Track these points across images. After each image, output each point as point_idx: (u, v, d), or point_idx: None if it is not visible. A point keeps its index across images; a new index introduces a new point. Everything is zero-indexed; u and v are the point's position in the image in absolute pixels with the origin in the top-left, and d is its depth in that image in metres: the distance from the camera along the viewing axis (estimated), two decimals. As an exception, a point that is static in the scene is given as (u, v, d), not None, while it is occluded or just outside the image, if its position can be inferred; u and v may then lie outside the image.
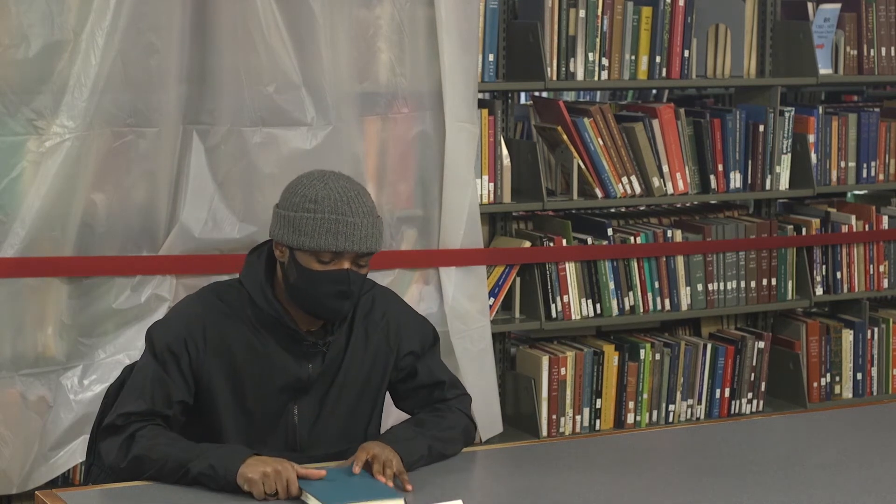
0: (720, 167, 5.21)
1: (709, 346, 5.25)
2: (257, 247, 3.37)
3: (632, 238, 5.11)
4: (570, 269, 5.00)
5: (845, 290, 5.49)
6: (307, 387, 3.30)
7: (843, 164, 5.44)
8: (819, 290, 5.43)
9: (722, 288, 5.25)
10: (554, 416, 5.00)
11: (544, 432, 4.97)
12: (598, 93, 7.03)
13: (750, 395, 5.32)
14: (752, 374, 5.32)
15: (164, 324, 3.35)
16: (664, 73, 5.11)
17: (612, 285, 5.06)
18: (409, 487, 3.05)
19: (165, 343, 3.26)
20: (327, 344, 3.30)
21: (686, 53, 5.12)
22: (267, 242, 3.34)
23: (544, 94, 5.35)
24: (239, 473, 3.03)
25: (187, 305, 3.37)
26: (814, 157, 5.36)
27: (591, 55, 4.97)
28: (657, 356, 5.15)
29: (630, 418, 5.12)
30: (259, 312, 3.28)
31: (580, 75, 4.98)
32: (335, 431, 3.34)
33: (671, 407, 5.18)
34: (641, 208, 5.50)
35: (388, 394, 3.47)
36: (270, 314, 3.26)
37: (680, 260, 5.17)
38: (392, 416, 3.57)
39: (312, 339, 3.29)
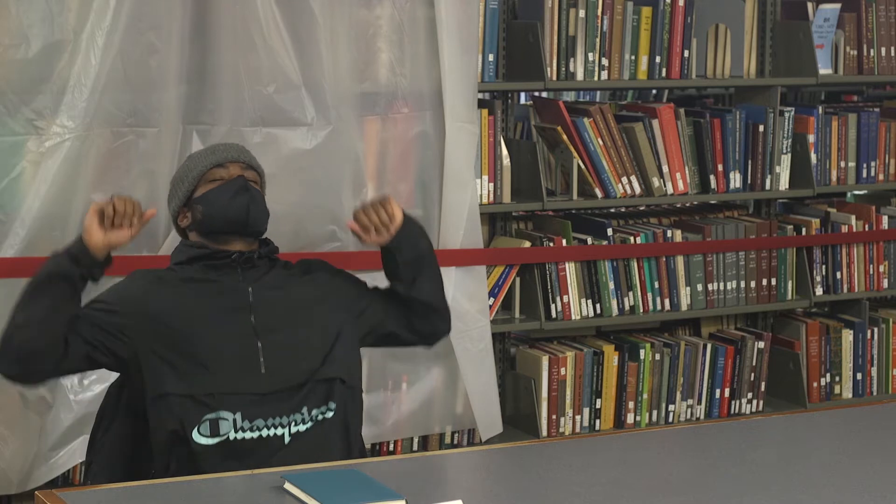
0: (720, 167, 5.21)
1: (709, 346, 5.25)
2: None
3: (631, 238, 5.11)
4: (570, 269, 5.01)
5: (845, 290, 5.49)
6: (255, 304, 3.43)
7: (842, 164, 5.45)
8: (819, 290, 5.43)
9: (722, 288, 5.25)
10: (554, 416, 5.00)
11: (544, 432, 4.98)
12: (598, 93, 7.03)
13: (750, 395, 5.32)
14: (752, 374, 5.32)
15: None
16: (664, 73, 5.11)
17: (611, 285, 5.06)
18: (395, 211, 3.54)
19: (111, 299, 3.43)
20: (254, 257, 3.49)
21: (686, 53, 5.12)
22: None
23: (544, 94, 5.35)
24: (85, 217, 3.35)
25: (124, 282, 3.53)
26: (814, 157, 5.36)
27: (590, 55, 4.98)
28: (657, 356, 5.15)
29: (630, 418, 5.12)
30: (188, 269, 3.48)
31: (580, 75, 4.98)
32: (292, 355, 3.42)
33: (671, 407, 5.19)
34: (641, 208, 5.50)
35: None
36: (193, 255, 3.48)
37: (680, 260, 5.17)
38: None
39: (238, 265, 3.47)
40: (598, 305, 5.06)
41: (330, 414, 3.43)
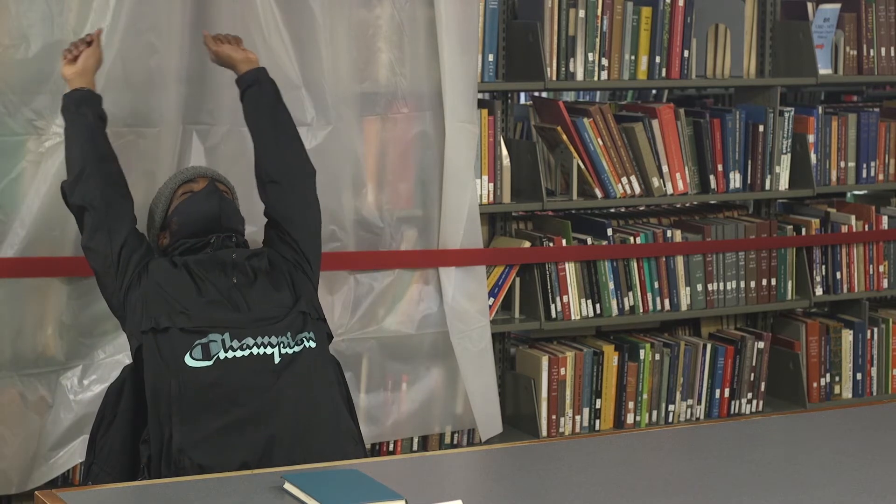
0: (720, 167, 5.21)
1: (708, 347, 5.25)
2: None
3: (631, 238, 5.11)
4: (570, 270, 5.01)
5: (845, 290, 5.49)
6: (236, 262, 3.74)
7: (842, 164, 5.45)
8: (819, 291, 5.43)
9: (722, 288, 5.25)
10: (554, 417, 5.00)
11: (544, 432, 4.98)
12: (598, 93, 7.03)
13: (750, 395, 5.32)
14: (752, 374, 5.32)
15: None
16: (664, 74, 5.11)
17: (611, 285, 5.06)
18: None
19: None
20: (231, 239, 3.80)
21: (686, 53, 5.12)
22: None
23: (544, 94, 5.35)
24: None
25: None
26: (813, 157, 5.36)
27: (590, 55, 4.98)
28: (657, 356, 5.15)
29: (630, 418, 5.12)
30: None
31: (580, 75, 4.98)
32: (268, 296, 3.73)
33: (671, 407, 5.19)
34: (641, 208, 5.51)
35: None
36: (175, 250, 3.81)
37: (680, 260, 5.17)
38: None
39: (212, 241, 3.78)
40: (597, 305, 5.06)
41: (312, 344, 3.65)
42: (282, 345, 3.60)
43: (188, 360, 3.53)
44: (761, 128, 5.25)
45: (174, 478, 3.29)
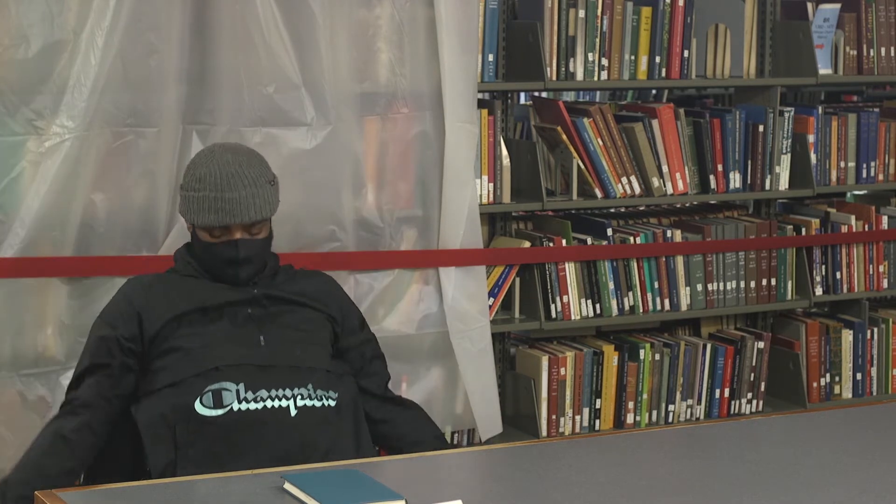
0: (720, 167, 5.21)
1: (708, 347, 5.25)
2: None
3: (631, 238, 5.11)
4: (570, 270, 5.01)
5: (845, 290, 5.49)
6: (257, 299, 3.58)
7: (842, 164, 5.45)
8: (819, 291, 5.43)
9: (722, 288, 5.25)
10: (554, 417, 5.00)
11: (544, 432, 4.98)
12: (598, 93, 7.04)
13: (750, 395, 5.32)
14: (752, 375, 5.32)
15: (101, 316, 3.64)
16: (664, 74, 5.11)
17: (611, 285, 5.06)
18: None
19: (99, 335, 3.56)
20: (249, 283, 3.61)
21: (686, 53, 5.12)
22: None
23: (544, 94, 5.35)
24: None
25: (120, 290, 3.67)
26: (813, 157, 5.36)
27: (590, 55, 4.98)
28: (657, 356, 5.15)
29: (630, 418, 5.12)
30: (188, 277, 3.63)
31: (580, 75, 4.98)
32: (290, 331, 3.58)
33: (671, 407, 5.19)
34: (641, 208, 5.50)
35: None
36: (192, 275, 3.61)
37: (679, 260, 5.17)
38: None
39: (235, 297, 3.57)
40: (597, 305, 5.06)
41: (332, 402, 3.51)
42: (299, 396, 3.48)
43: (198, 406, 3.41)
44: (761, 128, 5.25)
45: (174, 478, 3.29)
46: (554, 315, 4.99)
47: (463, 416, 4.83)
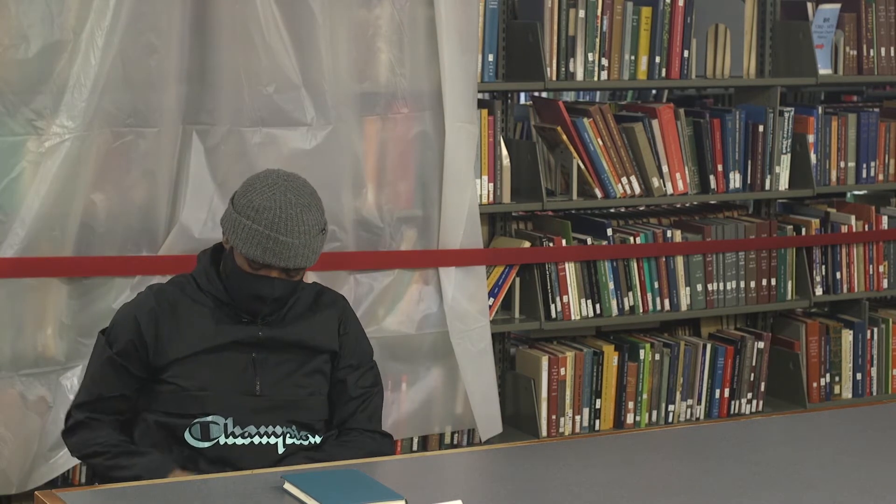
0: (720, 167, 5.21)
1: (708, 347, 5.25)
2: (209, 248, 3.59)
3: (631, 238, 5.11)
4: (570, 270, 5.01)
5: (845, 290, 5.49)
6: (262, 342, 3.49)
7: (842, 164, 5.45)
8: (819, 291, 5.43)
9: (721, 288, 5.25)
10: (553, 417, 5.00)
11: (544, 432, 4.98)
12: (598, 93, 7.03)
13: (749, 396, 5.32)
14: (752, 375, 5.32)
15: (113, 321, 3.57)
16: (664, 74, 5.11)
17: (611, 285, 5.06)
18: None
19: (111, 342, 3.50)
20: (265, 319, 3.49)
21: (686, 54, 5.12)
22: (219, 243, 3.57)
23: (544, 95, 5.35)
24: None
25: (134, 299, 3.59)
26: (813, 157, 5.36)
27: (590, 55, 4.98)
28: (657, 356, 5.15)
29: (630, 418, 5.12)
30: (204, 295, 3.50)
31: (580, 75, 4.98)
32: (288, 381, 3.51)
33: (671, 407, 5.19)
34: (641, 208, 5.50)
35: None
36: (211, 292, 3.49)
37: (679, 260, 5.17)
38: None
39: (250, 317, 3.49)
40: (597, 305, 5.06)
41: (317, 439, 3.53)
42: (288, 434, 3.48)
43: (187, 437, 3.43)
44: (761, 128, 5.25)
45: (174, 478, 3.29)
46: (554, 315, 4.99)
47: (463, 416, 4.84)
